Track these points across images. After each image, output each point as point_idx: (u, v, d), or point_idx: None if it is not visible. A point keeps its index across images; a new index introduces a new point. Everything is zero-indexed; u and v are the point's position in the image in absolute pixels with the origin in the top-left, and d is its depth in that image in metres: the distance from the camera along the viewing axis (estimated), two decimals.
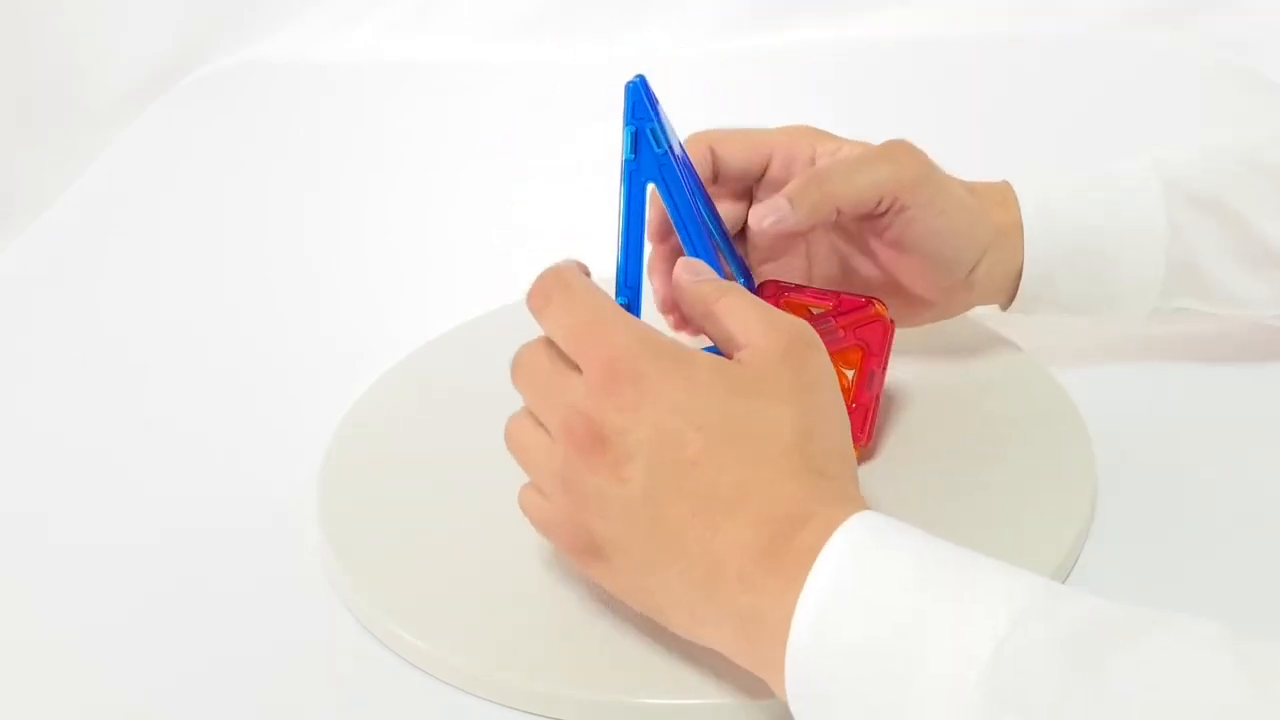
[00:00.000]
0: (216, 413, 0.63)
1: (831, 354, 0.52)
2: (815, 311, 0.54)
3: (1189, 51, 0.96)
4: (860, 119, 0.92)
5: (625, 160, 0.48)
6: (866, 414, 0.54)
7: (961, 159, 0.85)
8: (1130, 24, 0.99)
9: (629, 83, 0.48)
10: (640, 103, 0.48)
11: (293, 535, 0.54)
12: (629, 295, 0.50)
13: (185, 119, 0.99)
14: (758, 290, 0.55)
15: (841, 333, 0.53)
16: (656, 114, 0.48)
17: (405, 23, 1.06)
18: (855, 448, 0.53)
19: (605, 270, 0.51)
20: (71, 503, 0.58)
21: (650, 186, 0.49)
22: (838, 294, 0.54)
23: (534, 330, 0.53)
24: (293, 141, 0.93)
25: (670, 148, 0.49)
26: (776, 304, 0.54)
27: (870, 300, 0.54)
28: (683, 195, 0.50)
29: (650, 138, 0.48)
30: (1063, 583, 0.50)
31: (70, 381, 0.67)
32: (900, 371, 0.52)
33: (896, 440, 0.55)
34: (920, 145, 0.54)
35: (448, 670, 0.47)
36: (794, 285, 0.55)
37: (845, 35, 1.02)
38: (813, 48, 1.01)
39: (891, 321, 0.54)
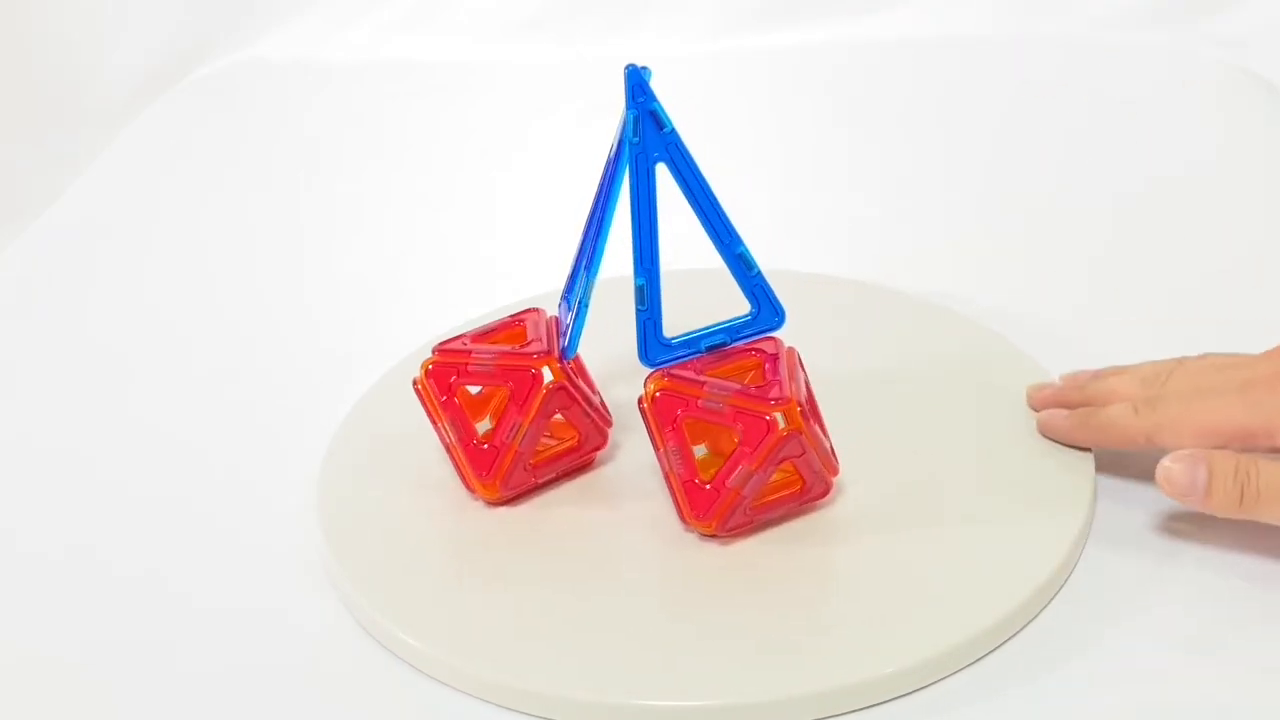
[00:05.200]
0: (215, 412, 0.63)
1: (694, 420, 0.49)
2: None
3: (1189, 52, 0.96)
4: (860, 119, 0.93)
5: (628, 143, 0.48)
6: (715, 501, 0.49)
7: (962, 159, 0.86)
8: (1131, 24, 0.99)
9: (629, 67, 0.47)
10: (642, 85, 0.47)
11: (292, 537, 0.54)
12: (646, 276, 0.49)
13: (185, 119, 0.99)
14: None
15: (725, 408, 0.49)
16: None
17: (405, 23, 1.06)
18: (697, 524, 0.50)
19: (607, 270, 0.51)
20: (70, 502, 0.58)
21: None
22: (777, 379, 0.50)
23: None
24: (292, 141, 0.93)
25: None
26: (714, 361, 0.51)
27: (780, 401, 0.48)
28: (694, 172, 0.49)
29: (654, 119, 0.48)
30: (1064, 583, 0.50)
31: (70, 382, 0.67)
32: (899, 371, 0.52)
33: (895, 440, 0.55)
34: (920, 146, 0.54)
35: (447, 671, 0.47)
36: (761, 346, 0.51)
37: (845, 35, 1.01)
38: (812, 48, 1.00)
39: (787, 433, 0.48)
